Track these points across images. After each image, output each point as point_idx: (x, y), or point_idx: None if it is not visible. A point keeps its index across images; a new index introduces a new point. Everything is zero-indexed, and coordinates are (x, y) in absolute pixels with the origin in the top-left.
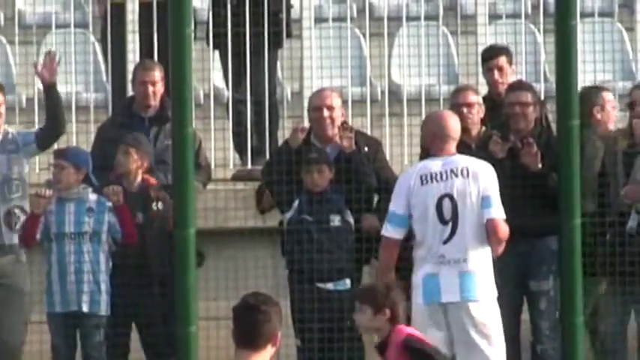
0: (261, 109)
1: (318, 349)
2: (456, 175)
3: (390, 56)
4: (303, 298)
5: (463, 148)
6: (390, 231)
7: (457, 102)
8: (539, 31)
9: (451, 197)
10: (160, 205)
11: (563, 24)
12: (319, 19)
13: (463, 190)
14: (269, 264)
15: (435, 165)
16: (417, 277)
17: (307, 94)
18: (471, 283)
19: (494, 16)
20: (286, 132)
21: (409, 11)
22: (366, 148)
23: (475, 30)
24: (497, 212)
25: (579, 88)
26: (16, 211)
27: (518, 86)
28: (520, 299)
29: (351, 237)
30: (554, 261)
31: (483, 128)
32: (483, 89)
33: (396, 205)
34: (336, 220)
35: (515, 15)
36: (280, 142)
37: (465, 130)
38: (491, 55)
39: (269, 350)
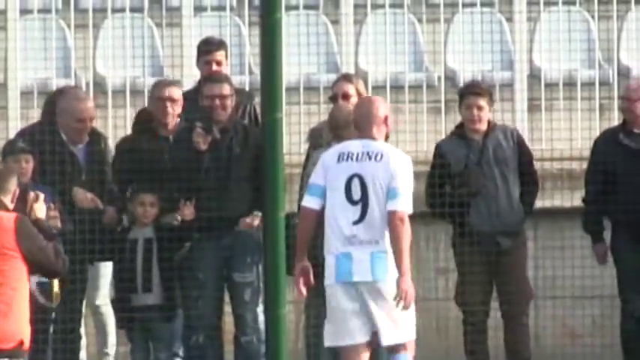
0: None
1: None
2: (370, 158)
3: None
4: None
5: (161, 139)
6: (309, 200)
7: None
8: (244, 23)
9: (361, 178)
10: None
11: (267, 16)
12: (24, 11)
13: (372, 173)
14: None
15: (353, 146)
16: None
17: (12, 85)
18: (382, 264)
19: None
20: None
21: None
22: None
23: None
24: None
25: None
26: None
27: (216, 78)
28: (222, 291)
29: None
30: (258, 252)
31: (177, 120)
32: None
33: (315, 177)
34: None
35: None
36: None
37: (164, 124)
38: (210, 48)
39: None
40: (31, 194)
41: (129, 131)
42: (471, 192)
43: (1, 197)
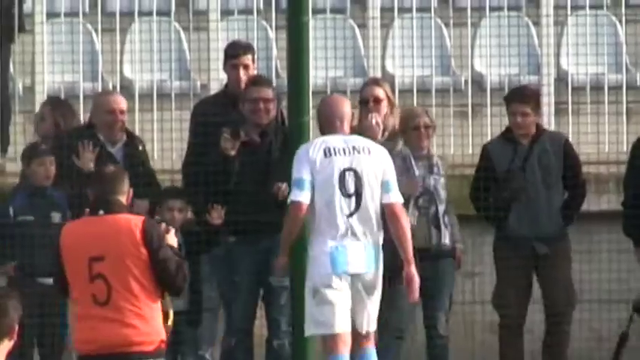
0: None
1: (38, 343)
2: (359, 152)
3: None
4: (25, 292)
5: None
6: (300, 194)
7: None
8: (271, 27)
9: (355, 171)
10: None
11: (294, 20)
12: (51, 14)
13: (366, 167)
14: None
15: (336, 141)
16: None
17: (39, 89)
18: (374, 256)
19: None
20: (18, 127)
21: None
22: None
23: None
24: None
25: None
26: None
27: (260, 81)
28: (257, 295)
29: None
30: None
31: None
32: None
33: (301, 172)
34: (56, 218)
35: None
36: (12, 136)
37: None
38: (237, 52)
39: (6, 344)
40: (163, 226)
41: (156, 135)
42: (511, 196)
43: (119, 198)
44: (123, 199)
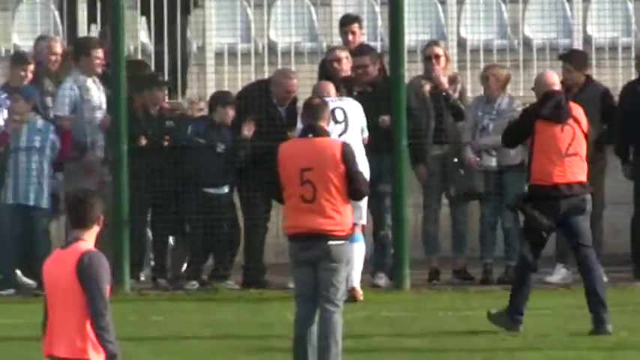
0: (175, 58)
1: (202, 236)
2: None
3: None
4: (192, 198)
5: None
6: None
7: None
8: (377, 2)
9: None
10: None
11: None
12: None
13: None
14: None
15: None
16: None
17: (209, 48)
18: None
19: None
20: (193, 76)
21: None
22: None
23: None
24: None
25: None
26: None
27: (359, 51)
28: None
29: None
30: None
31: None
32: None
33: None
34: (220, 148)
35: None
36: (189, 83)
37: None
38: (347, 21)
39: (95, 229)
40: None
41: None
42: None
43: (322, 124)
44: (324, 124)
